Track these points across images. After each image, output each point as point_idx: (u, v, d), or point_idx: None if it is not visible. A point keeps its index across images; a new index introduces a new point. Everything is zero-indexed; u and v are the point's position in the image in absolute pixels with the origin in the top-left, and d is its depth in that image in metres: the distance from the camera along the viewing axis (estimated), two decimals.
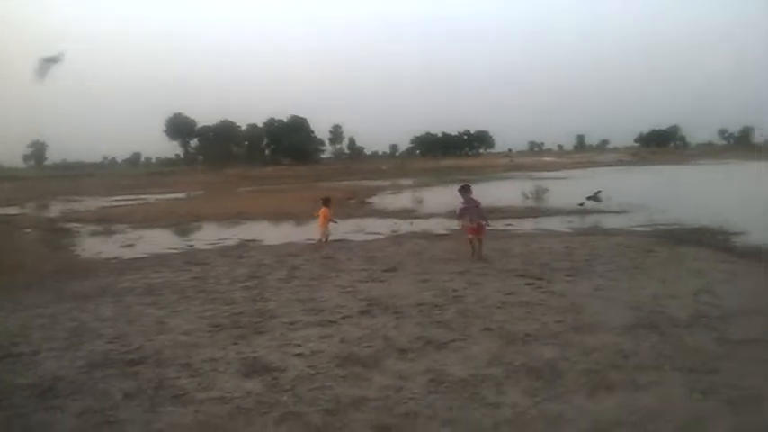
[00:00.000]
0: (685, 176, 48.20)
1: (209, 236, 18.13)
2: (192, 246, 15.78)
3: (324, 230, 14.68)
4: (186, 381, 5.32)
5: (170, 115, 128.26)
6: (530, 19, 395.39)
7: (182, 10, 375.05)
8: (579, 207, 21.93)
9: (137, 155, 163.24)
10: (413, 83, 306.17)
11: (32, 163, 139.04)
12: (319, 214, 14.93)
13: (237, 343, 6.44)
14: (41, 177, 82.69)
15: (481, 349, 5.97)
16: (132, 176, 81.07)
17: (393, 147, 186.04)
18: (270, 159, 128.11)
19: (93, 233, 19.82)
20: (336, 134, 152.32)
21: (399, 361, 5.71)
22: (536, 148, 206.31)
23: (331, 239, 14.94)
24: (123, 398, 5.01)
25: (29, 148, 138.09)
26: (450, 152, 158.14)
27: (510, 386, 5.01)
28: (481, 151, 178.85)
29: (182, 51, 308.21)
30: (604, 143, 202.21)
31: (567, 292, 8.42)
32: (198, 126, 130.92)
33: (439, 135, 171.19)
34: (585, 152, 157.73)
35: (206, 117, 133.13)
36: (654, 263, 10.70)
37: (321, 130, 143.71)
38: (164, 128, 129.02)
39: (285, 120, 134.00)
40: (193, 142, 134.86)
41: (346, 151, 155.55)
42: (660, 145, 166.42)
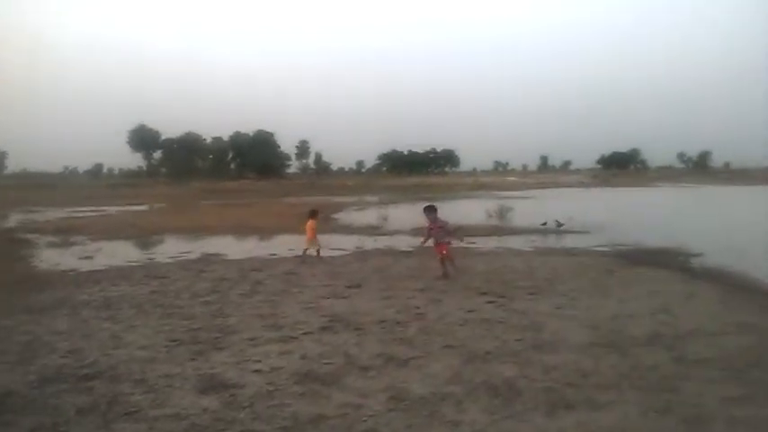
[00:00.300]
0: (645, 199, 49.24)
1: (170, 249, 17.84)
2: (153, 259, 15.50)
3: (313, 242, 14.54)
4: (141, 397, 5.20)
5: (134, 126, 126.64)
6: (495, 41, 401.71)
7: (148, 21, 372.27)
8: (541, 227, 22.26)
9: (99, 166, 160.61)
10: (380, 100, 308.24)
11: None
12: (306, 227, 14.79)
13: (195, 359, 6.32)
14: (0, 187, 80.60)
15: (442, 367, 5.97)
16: (94, 188, 79.44)
17: (359, 163, 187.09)
18: (235, 173, 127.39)
19: (51, 244, 19.33)
20: (303, 149, 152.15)
21: (360, 378, 5.66)
22: (501, 168, 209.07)
23: (294, 255, 14.83)
24: (76, 413, 4.87)
25: None
26: (416, 170, 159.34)
27: (470, 404, 5.01)
28: (447, 170, 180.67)
29: (147, 62, 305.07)
30: (567, 164, 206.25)
31: (529, 311, 8.48)
32: (162, 138, 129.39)
33: (405, 153, 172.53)
34: (549, 173, 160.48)
35: (170, 129, 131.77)
36: (613, 283, 10.87)
37: (288, 145, 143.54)
38: (127, 139, 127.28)
39: (251, 134, 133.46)
40: (157, 154, 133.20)
41: (313, 166, 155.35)
42: (621, 167, 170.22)
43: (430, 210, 11.91)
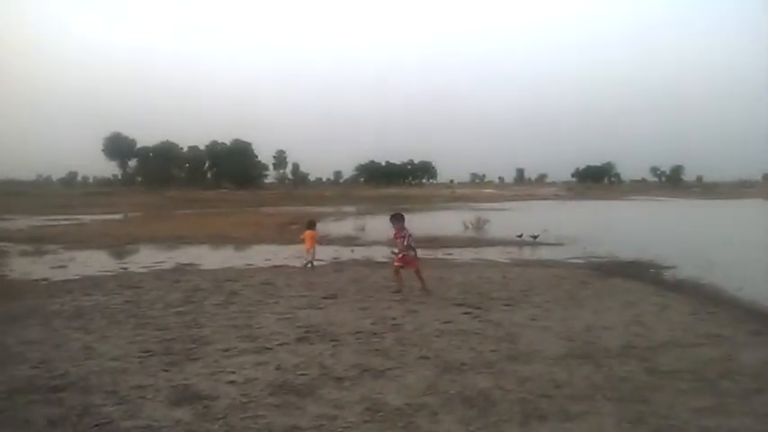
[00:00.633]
0: (618, 212, 49.87)
1: (144, 258, 17.65)
2: (127, 268, 15.32)
3: (311, 252, 14.53)
4: (112, 408, 5.11)
5: (108, 134, 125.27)
6: (473, 55, 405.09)
7: (125, 29, 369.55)
8: (517, 238, 22.45)
9: (73, 174, 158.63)
10: (358, 112, 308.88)
11: None
12: (304, 237, 14.83)
13: (168, 370, 6.24)
14: None
15: (417, 378, 5.97)
16: (68, 196, 78.28)
17: (337, 173, 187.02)
18: (211, 183, 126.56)
19: (23, 253, 19.00)
20: (280, 159, 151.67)
21: (335, 389, 5.64)
22: (477, 180, 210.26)
23: (271, 265, 14.77)
24: (46, 425, 4.78)
25: None
26: (393, 181, 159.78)
27: (445, 415, 5.01)
28: (424, 181, 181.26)
29: (123, 70, 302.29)
30: (543, 177, 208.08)
31: (504, 322, 8.53)
32: (137, 146, 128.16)
33: (383, 164, 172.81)
34: (525, 185, 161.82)
35: (146, 137, 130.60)
36: (587, 294, 10.98)
37: (265, 155, 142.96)
38: (102, 147, 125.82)
39: (228, 143, 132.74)
40: (132, 162, 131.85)
41: (290, 177, 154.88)
42: (595, 180, 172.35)
43: (395, 218, 11.53)
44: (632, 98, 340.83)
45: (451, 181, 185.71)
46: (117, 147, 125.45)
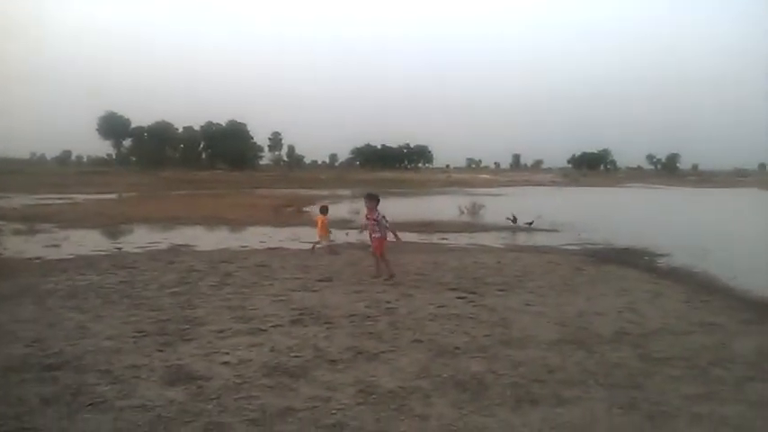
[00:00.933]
0: (614, 198, 49.97)
1: (139, 239, 17.62)
2: (121, 248, 15.29)
3: (324, 237, 14.52)
4: (106, 388, 5.11)
5: (103, 113, 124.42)
6: (471, 39, 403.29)
7: (121, 6, 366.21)
8: (510, 222, 22.53)
9: (67, 153, 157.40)
10: (355, 94, 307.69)
11: None
12: (317, 222, 14.86)
13: (162, 350, 6.24)
14: None
15: (411, 361, 5.98)
16: (61, 175, 77.87)
17: (333, 156, 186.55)
18: (206, 164, 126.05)
19: (16, 232, 18.90)
20: (276, 141, 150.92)
21: (328, 371, 5.65)
22: (473, 165, 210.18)
23: (266, 247, 14.76)
24: (40, 404, 4.77)
25: None
26: (389, 164, 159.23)
27: (438, 398, 5.03)
28: (420, 165, 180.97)
29: (118, 48, 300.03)
30: (539, 163, 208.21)
31: (498, 307, 8.55)
32: (132, 126, 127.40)
33: (379, 147, 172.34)
34: (521, 171, 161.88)
35: (141, 117, 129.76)
36: (581, 281, 11.02)
37: (260, 137, 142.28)
38: (96, 126, 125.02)
39: (223, 124, 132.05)
40: (127, 142, 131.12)
41: (285, 159, 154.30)
42: (591, 167, 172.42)
43: (370, 198, 11.06)
44: (629, 86, 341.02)
45: (447, 166, 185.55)
46: (111, 126, 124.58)
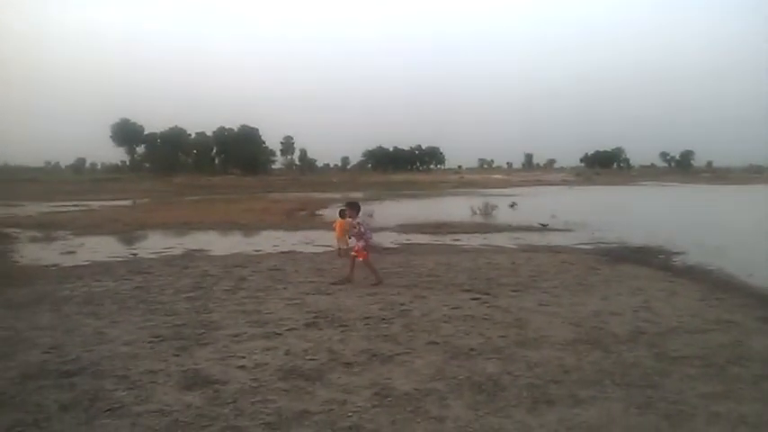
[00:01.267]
0: (627, 197, 49.65)
1: (153, 245, 17.73)
2: (136, 254, 15.40)
3: (343, 241, 14.47)
4: (124, 393, 5.16)
5: (117, 120, 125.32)
6: (482, 39, 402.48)
7: (134, 14, 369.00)
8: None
9: (81, 160, 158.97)
10: (366, 97, 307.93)
11: None
12: (336, 226, 14.83)
13: (179, 355, 6.28)
14: None
15: (426, 363, 5.98)
16: (76, 182, 78.62)
17: (344, 159, 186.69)
18: (219, 169, 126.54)
19: (32, 239, 19.11)
20: (288, 145, 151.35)
21: (344, 374, 5.66)
22: (485, 166, 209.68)
23: (279, 251, 14.80)
24: (58, 410, 4.82)
25: None
26: (401, 167, 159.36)
27: (454, 400, 5.03)
28: (432, 167, 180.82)
29: (131, 56, 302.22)
30: (551, 162, 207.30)
31: (512, 308, 8.53)
32: (145, 132, 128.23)
33: (390, 149, 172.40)
34: (533, 171, 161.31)
35: (154, 124, 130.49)
36: (596, 280, 10.96)
37: (272, 141, 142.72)
38: (110, 133, 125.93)
39: (236, 129, 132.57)
40: (140, 149, 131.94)
41: (297, 163, 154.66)
42: (604, 166, 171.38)
43: (351, 207, 11.27)
44: (643, 83, 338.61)
45: (459, 167, 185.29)
46: (125, 133, 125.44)
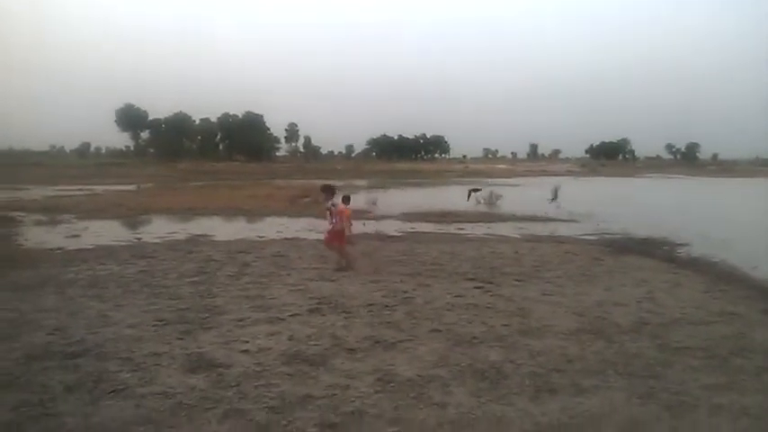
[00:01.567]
0: (632, 189, 49.51)
1: (158, 229, 17.74)
2: (140, 239, 15.42)
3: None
4: (128, 375, 5.19)
5: (121, 105, 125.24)
6: (488, 28, 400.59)
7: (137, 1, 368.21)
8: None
9: (86, 144, 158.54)
10: (371, 85, 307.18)
11: None
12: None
13: (183, 338, 6.32)
14: None
15: (429, 350, 6.00)
16: (81, 167, 78.60)
17: (349, 147, 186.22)
18: (223, 155, 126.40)
19: (37, 223, 19.16)
20: (292, 132, 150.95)
21: (347, 360, 5.69)
22: (490, 155, 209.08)
23: (283, 238, 14.80)
24: (63, 391, 4.86)
25: None
26: (405, 155, 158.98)
27: (456, 387, 5.05)
28: (436, 156, 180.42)
29: (137, 40, 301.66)
30: (556, 153, 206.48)
31: (515, 297, 8.54)
32: (149, 118, 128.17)
33: (395, 138, 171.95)
34: (538, 161, 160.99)
35: (158, 109, 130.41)
36: (600, 271, 10.96)
37: (277, 128, 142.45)
38: (114, 118, 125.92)
39: (240, 115, 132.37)
40: (145, 134, 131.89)
41: (302, 150, 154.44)
42: (609, 157, 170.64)
43: (326, 189, 11.42)
44: (649, 74, 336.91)
45: (464, 156, 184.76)
46: (129, 118, 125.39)
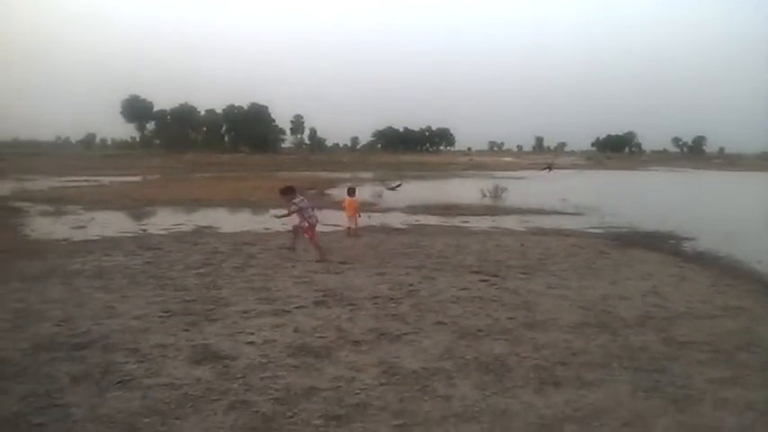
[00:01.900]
0: (638, 182, 49.34)
1: (163, 221, 17.78)
2: (146, 230, 15.46)
3: (352, 220, 14.55)
4: (134, 366, 5.22)
5: (126, 97, 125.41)
6: (493, 20, 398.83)
7: None
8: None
9: (91, 136, 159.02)
10: (377, 77, 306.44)
11: None
12: (345, 205, 14.90)
13: (189, 330, 6.34)
14: None
15: (434, 342, 6.01)
16: (86, 158, 78.77)
17: (354, 139, 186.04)
18: (229, 146, 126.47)
19: (43, 213, 19.20)
20: (297, 124, 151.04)
21: (352, 352, 5.70)
22: (496, 148, 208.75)
23: (288, 230, 14.77)
24: (69, 381, 4.88)
25: None
26: (410, 147, 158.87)
27: (460, 379, 5.06)
28: (442, 148, 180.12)
29: (143, 31, 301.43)
30: (562, 146, 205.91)
31: (521, 290, 8.54)
32: (155, 109, 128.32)
33: (401, 130, 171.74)
34: (544, 154, 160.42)
35: (164, 101, 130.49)
36: (605, 264, 10.94)
37: (282, 120, 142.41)
38: (120, 109, 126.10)
39: (245, 107, 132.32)
40: (150, 125, 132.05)
41: (307, 142, 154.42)
42: (615, 150, 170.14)
43: (287, 191, 11.35)
44: (655, 68, 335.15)
45: (469, 148, 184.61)
46: (135, 109, 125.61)
